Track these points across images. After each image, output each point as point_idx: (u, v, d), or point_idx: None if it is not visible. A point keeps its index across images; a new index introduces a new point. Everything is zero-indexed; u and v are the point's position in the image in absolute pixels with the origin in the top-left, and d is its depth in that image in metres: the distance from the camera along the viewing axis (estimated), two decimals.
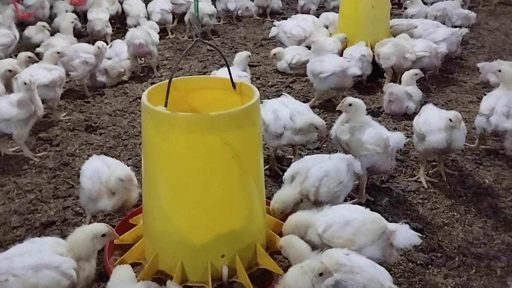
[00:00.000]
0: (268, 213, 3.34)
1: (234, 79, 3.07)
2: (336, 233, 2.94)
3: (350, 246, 2.88)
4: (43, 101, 4.92)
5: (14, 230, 3.67)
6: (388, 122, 5.41)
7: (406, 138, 3.98)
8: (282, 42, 7.48)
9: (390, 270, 3.22)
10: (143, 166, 2.95)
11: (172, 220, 2.84)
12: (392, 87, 5.50)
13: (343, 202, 3.53)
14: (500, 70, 4.72)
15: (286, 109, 4.22)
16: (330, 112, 5.62)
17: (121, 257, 3.06)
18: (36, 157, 4.66)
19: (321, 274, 2.51)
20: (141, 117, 5.56)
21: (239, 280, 2.91)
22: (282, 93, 5.23)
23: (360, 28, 6.64)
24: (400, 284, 3.15)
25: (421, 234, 3.07)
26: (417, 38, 6.61)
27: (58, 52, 5.43)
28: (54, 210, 3.91)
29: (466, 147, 4.81)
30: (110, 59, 6.47)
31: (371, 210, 3.12)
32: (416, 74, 5.45)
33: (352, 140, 3.82)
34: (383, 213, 3.72)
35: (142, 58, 6.98)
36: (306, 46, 6.77)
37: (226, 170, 2.74)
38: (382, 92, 5.85)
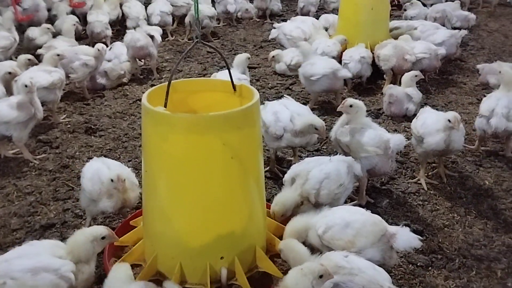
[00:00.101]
0: (268, 215, 3.33)
1: (234, 82, 3.08)
2: (336, 234, 2.93)
3: (350, 248, 2.88)
4: (43, 103, 4.93)
5: (14, 233, 3.67)
6: (388, 123, 5.41)
7: (406, 140, 3.97)
8: (282, 44, 7.49)
9: (390, 272, 3.21)
10: (143, 167, 2.95)
11: (171, 221, 2.84)
12: (392, 89, 5.50)
13: (343, 204, 3.53)
14: (500, 72, 4.72)
15: (286, 111, 4.22)
16: (330, 114, 5.62)
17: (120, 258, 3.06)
18: (36, 159, 4.66)
19: (321, 276, 2.50)
20: (141, 119, 5.57)
21: (238, 282, 2.90)
22: (284, 95, 5.22)
23: (359, 29, 6.65)
24: (400, 286, 3.14)
25: (421, 236, 3.07)
26: (416, 40, 6.61)
27: (58, 54, 5.43)
28: (54, 213, 3.91)
29: (466, 149, 4.81)
30: (110, 61, 6.48)
31: (371, 212, 3.11)
32: (416, 76, 5.45)
33: (352, 142, 3.82)
34: (383, 215, 3.72)
35: (142, 60, 6.99)
36: None
37: (226, 171, 2.74)
38: (382, 93, 5.84)
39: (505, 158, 4.69)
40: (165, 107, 2.78)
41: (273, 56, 6.75)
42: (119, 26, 8.84)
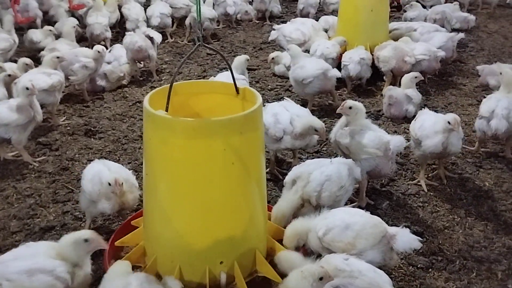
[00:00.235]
0: (269, 219, 3.32)
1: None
2: (336, 236, 2.93)
3: (351, 250, 2.87)
4: (43, 105, 4.93)
5: (14, 235, 3.66)
6: (388, 125, 5.41)
7: (406, 141, 3.97)
8: (282, 45, 7.49)
9: (391, 273, 3.21)
10: (144, 170, 2.95)
11: (171, 224, 2.83)
12: (391, 90, 5.50)
13: (344, 206, 3.53)
14: (500, 73, 4.72)
15: (286, 113, 4.22)
16: (329, 115, 5.61)
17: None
18: (35, 161, 4.65)
19: (321, 279, 2.50)
20: (140, 121, 5.59)
21: (238, 287, 2.89)
22: (283, 97, 5.22)
23: (359, 31, 6.65)
24: None
25: (421, 238, 3.06)
26: (415, 42, 6.61)
27: (58, 57, 5.43)
28: (54, 215, 3.90)
29: (466, 150, 4.81)
30: (109, 64, 6.48)
31: (372, 213, 3.11)
32: (415, 77, 5.46)
33: (352, 143, 3.81)
34: (383, 216, 3.71)
35: (142, 62, 6.99)
36: (306, 50, 6.77)
37: (226, 176, 2.73)
38: (382, 95, 5.84)
39: (505, 159, 4.68)
40: (166, 111, 2.77)
41: (272, 57, 6.75)
42: (119, 28, 8.84)
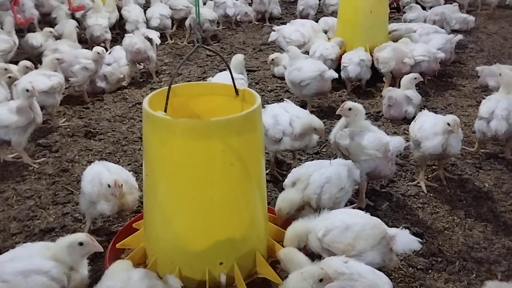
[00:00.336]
0: (270, 220, 3.32)
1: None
2: (336, 237, 2.93)
3: (350, 251, 2.87)
4: (42, 107, 4.93)
5: (13, 237, 3.66)
6: (387, 126, 5.41)
7: (405, 142, 3.97)
8: (281, 47, 7.49)
9: (391, 275, 3.21)
10: (144, 171, 2.95)
11: (171, 225, 2.83)
12: (391, 91, 5.51)
13: (344, 207, 3.52)
14: (500, 74, 4.73)
15: (286, 114, 4.22)
16: (329, 117, 5.62)
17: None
18: (35, 163, 4.66)
19: (321, 280, 2.50)
20: (140, 122, 5.59)
21: None
22: (283, 98, 5.23)
23: (358, 32, 6.65)
24: None
25: (421, 239, 3.06)
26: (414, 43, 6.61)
27: (58, 58, 5.43)
28: (54, 217, 3.90)
29: (465, 151, 4.81)
30: (109, 65, 6.48)
31: (371, 214, 3.11)
32: (415, 78, 5.46)
33: (351, 145, 3.81)
34: (383, 217, 3.72)
35: (141, 64, 6.99)
36: (305, 51, 6.78)
37: (226, 176, 2.73)
38: (381, 96, 5.85)
39: (505, 160, 4.69)
40: (165, 112, 2.77)
41: (272, 59, 6.76)
42: (119, 29, 8.85)
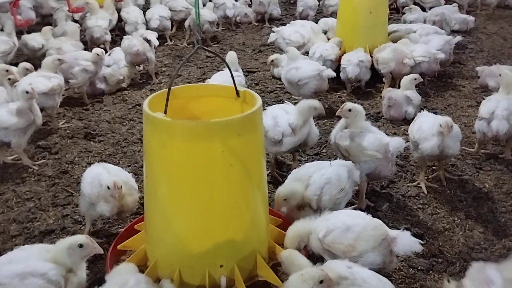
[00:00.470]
0: (271, 222, 3.31)
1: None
2: (337, 238, 2.92)
3: (351, 251, 2.87)
4: (42, 109, 4.93)
5: (13, 239, 3.66)
6: (387, 127, 5.41)
7: (405, 143, 3.97)
8: (281, 48, 7.49)
9: (391, 276, 3.21)
10: (144, 173, 2.95)
11: (171, 227, 2.83)
12: (391, 92, 5.51)
13: (344, 208, 3.52)
14: (500, 75, 4.73)
15: (285, 115, 4.22)
16: (328, 117, 5.61)
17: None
18: (35, 165, 4.65)
19: (321, 282, 2.49)
20: (140, 124, 5.58)
21: None
22: (283, 99, 5.22)
23: (358, 33, 6.65)
24: None
25: (421, 240, 3.06)
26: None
27: (59, 59, 5.43)
28: (53, 219, 3.90)
29: (466, 152, 4.81)
30: (109, 67, 6.48)
31: (372, 215, 3.10)
32: (415, 79, 5.46)
33: (351, 146, 3.81)
34: (383, 218, 3.71)
35: (141, 65, 6.99)
36: (305, 52, 6.78)
37: (226, 178, 2.72)
38: (381, 97, 5.84)
39: (505, 161, 4.68)
40: (165, 113, 2.77)
41: (272, 60, 6.76)
42: (118, 31, 8.85)
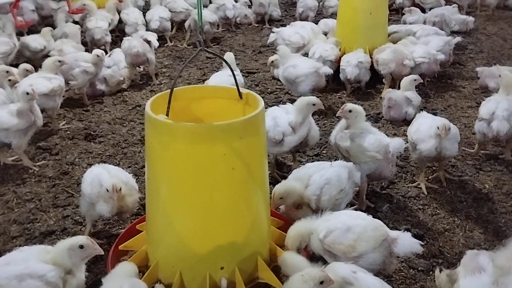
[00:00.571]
0: (272, 224, 3.30)
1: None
2: (337, 239, 2.92)
3: (351, 252, 2.87)
4: (43, 110, 4.93)
5: (14, 240, 3.66)
6: (387, 128, 5.41)
7: (405, 144, 3.98)
8: None
9: (391, 277, 3.21)
10: (146, 175, 2.95)
11: (172, 229, 2.82)
12: (391, 93, 5.52)
13: (344, 209, 3.52)
14: (500, 75, 4.73)
15: (286, 116, 4.23)
16: (328, 118, 5.62)
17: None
18: (35, 166, 4.65)
19: (321, 283, 2.49)
20: (140, 125, 5.59)
21: None
22: (283, 100, 5.23)
23: (358, 34, 6.65)
24: None
25: (422, 241, 3.05)
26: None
27: (60, 60, 5.43)
28: (54, 219, 3.90)
29: (466, 152, 4.82)
30: (109, 68, 6.49)
31: (372, 216, 3.10)
32: (415, 80, 5.47)
33: (352, 147, 3.81)
34: (384, 219, 3.71)
35: (141, 66, 6.99)
36: (305, 53, 6.78)
37: (227, 180, 2.71)
38: (381, 98, 5.85)
39: (505, 161, 4.69)
40: (167, 115, 2.77)
41: (272, 61, 6.73)
42: (118, 32, 8.85)
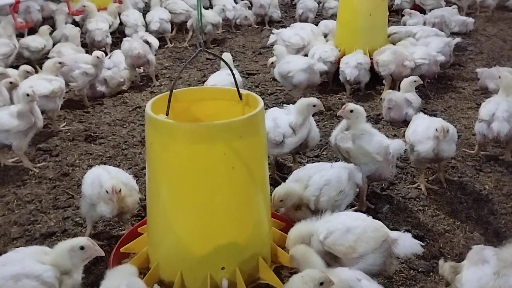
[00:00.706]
0: (273, 225, 3.31)
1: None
2: (337, 240, 2.91)
3: (352, 253, 2.87)
4: (43, 111, 4.94)
5: (14, 241, 3.66)
6: (387, 129, 5.42)
7: (406, 145, 3.98)
8: None
9: (392, 278, 3.21)
10: (147, 175, 2.95)
11: (172, 229, 2.83)
12: (391, 94, 5.52)
13: (345, 210, 3.52)
14: (500, 77, 4.73)
15: (286, 117, 4.23)
16: (329, 119, 5.63)
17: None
18: (35, 167, 4.66)
19: (321, 284, 2.49)
20: (140, 126, 5.59)
21: None
22: (283, 101, 5.23)
23: (358, 35, 6.66)
24: None
25: (422, 241, 3.05)
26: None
27: (60, 62, 5.44)
28: (54, 221, 3.90)
29: (466, 154, 4.82)
30: (109, 69, 6.49)
31: (372, 217, 3.10)
32: (415, 81, 5.47)
33: (352, 148, 3.82)
34: (384, 220, 3.70)
35: (141, 67, 7.00)
36: (305, 55, 6.79)
37: (227, 180, 2.72)
38: (381, 99, 5.85)
39: (505, 162, 4.69)
40: (166, 116, 2.77)
41: (272, 62, 6.74)
42: (118, 33, 8.86)
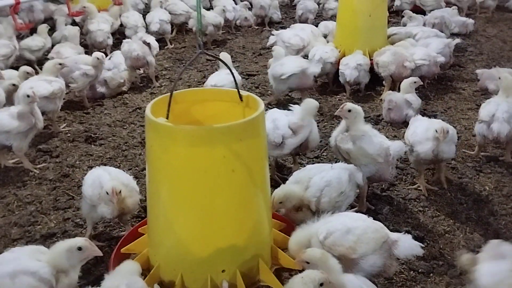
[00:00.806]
0: (274, 227, 3.30)
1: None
2: (337, 240, 2.91)
3: (352, 254, 2.87)
4: (43, 112, 4.94)
5: (15, 243, 3.66)
6: (387, 130, 5.42)
7: (406, 146, 3.98)
8: None
9: (392, 279, 3.22)
10: (147, 177, 2.95)
11: (173, 232, 2.82)
12: (391, 95, 5.52)
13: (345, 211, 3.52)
14: (499, 78, 4.74)
15: (285, 118, 4.23)
16: (329, 120, 5.63)
17: None
18: (36, 168, 4.66)
19: (321, 285, 2.49)
20: (140, 127, 5.59)
21: None
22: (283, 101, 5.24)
23: (357, 36, 6.66)
24: None
25: (422, 243, 3.05)
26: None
27: (61, 63, 5.45)
28: (55, 222, 3.90)
29: (466, 154, 4.82)
30: (109, 70, 6.50)
31: (372, 218, 3.10)
32: (415, 82, 5.48)
33: (353, 149, 3.82)
34: (384, 221, 3.71)
35: (141, 69, 7.00)
36: (305, 55, 6.79)
37: (227, 183, 2.71)
38: (381, 100, 5.86)
39: (505, 163, 4.69)
40: (167, 118, 2.77)
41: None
42: (118, 35, 8.87)
